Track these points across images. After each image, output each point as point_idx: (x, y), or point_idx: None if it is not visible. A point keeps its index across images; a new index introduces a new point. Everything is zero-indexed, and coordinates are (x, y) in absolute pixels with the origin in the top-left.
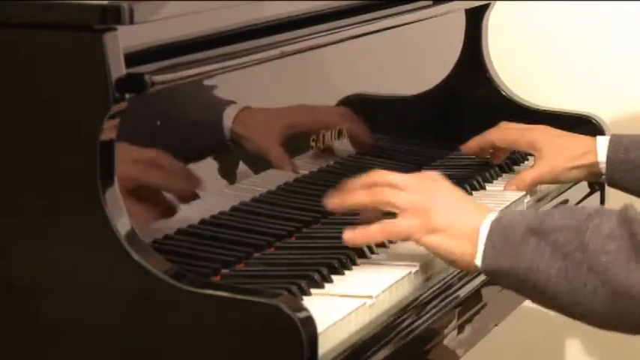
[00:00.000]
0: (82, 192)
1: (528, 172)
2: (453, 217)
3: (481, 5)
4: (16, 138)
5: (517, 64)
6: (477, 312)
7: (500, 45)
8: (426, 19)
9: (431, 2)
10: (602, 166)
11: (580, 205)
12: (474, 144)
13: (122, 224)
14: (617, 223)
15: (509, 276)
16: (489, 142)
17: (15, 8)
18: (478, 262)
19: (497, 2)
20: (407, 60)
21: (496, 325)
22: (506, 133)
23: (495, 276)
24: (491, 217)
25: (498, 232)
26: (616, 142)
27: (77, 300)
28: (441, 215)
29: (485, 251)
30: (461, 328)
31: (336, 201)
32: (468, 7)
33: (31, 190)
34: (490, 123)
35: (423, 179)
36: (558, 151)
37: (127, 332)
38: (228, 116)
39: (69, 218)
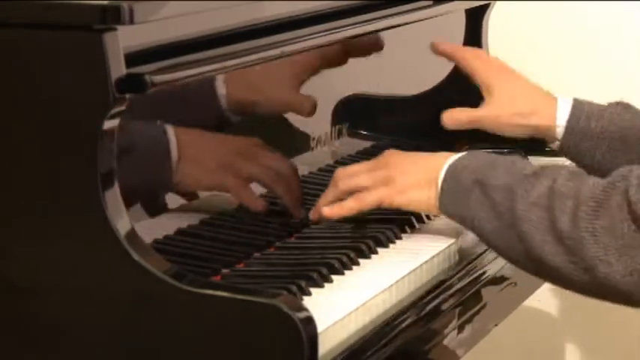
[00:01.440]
0: (82, 192)
1: (468, 111)
2: (414, 172)
3: (481, 5)
4: (16, 138)
5: (517, 64)
6: (477, 312)
7: (500, 45)
8: (426, 19)
9: (431, 2)
10: (559, 130)
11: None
12: (444, 48)
13: (122, 224)
14: (545, 191)
15: (461, 222)
16: (451, 55)
17: (15, 8)
18: (438, 207)
19: (497, 2)
20: (407, 60)
21: (496, 325)
22: (471, 58)
23: (451, 219)
24: (449, 161)
25: (450, 178)
26: (578, 108)
27: (77, 300)
28: (403, 175)
29: (439, 196)
30: (461, 328)
31: (314, 211)
32: (467, 7)
33: (31, 190)
34: None
35: (377, 158)
36: (509, 103)
37: (127, 332)
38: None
39: (69, 218)
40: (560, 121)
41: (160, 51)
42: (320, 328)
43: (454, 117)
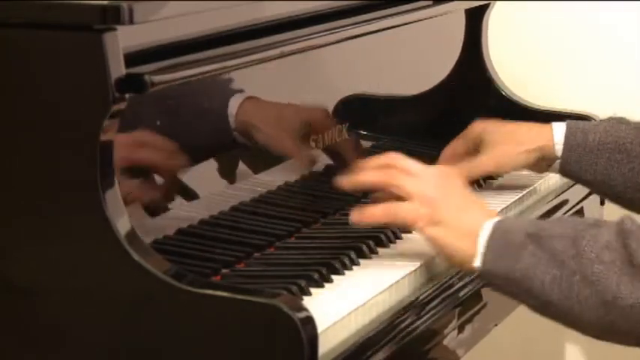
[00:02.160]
0: (82, 192)
1: (467, 163)
2: (460, 214)
3: (481, 5)
4: (16, 138)
5: (517, 64)
6: (477, 312)
7: (500, 45)
8: (426, 19)
9: (431, 2)
10: (558, 148)
11: (579, 216)
12: (445, 157)
13: (122, 224)
14: (614, 234)
15: (504, 279)
16: (452, 150)
17: (15, 8)
18: (477, 263)
19: (497, 2)
20: (407, 60)
21: (496, 325)
22: (458, 137)
23: (491, 279)
24: (495, 219)
25: (499, 235)
26: (572, 126)
27: (77, 300)
28: (448, 210)
29: (484, 253)
30: (461, 328)
31: (348, 179)
32: (467, 7)
33: (31, 190)
34: None
35: (438, 173)
36: (505, 138)
37: (127, 332)
38: (233, 105)
39: (69, 218)
40: (558, 138)
41: (160, 51)
42: (320, 328)
43: None
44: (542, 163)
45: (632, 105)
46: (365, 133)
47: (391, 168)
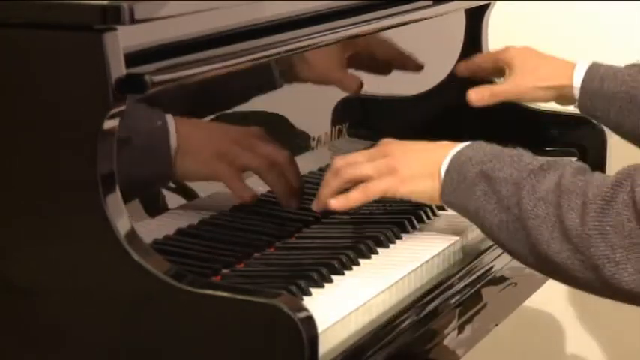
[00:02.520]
0: (82, 192)
1: (490, 86)
2: (417, 162)
3: (481, 5)
4: (16, 138)
5: None
6: (477, 312)
7: (500, 45)
8: (426, 19)
9: (431, 2)
10: (576, 92)
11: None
12: (463, 65)
13: (122, 224)
14: (553, 187)
15: (462, 212)
16: (477, 64)
17: (15, 8)
18: (441, 196)
19: (497, 2)
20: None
21: (496, 325)
22: (487, 54)
23: (453, 210)
24: (452, 152)
25: (454, 169)
26: (593, 70)
27: (77, 300)
28: (407, 165)
29: (442, 187)
30: (461, 328)
31: (317, 203)
32: (467, 7)
33: (31, 190)
34: (490, 123)
35: (377, 147)
36: (530, 70)
37: (127, 332)
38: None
39: (69, 218)
40: (577, 82)
41: (160, 51)
42: (320, 328)
43: (479, 94)
44: (562, 99)
45: None
46: (365, 133)
47: (339, 170)
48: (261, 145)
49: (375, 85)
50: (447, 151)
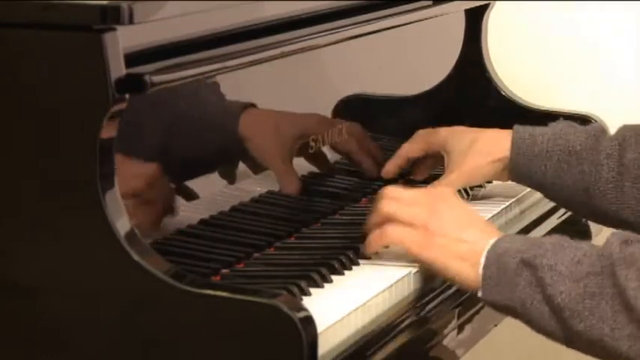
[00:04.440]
0: (82, 192)
1: (438, 183)
2: (456, 235)
3: (481, 5)
4: (16, 138)
5: (517, 64)
6: (477, 312)
7: (500, 45)
8: (426, 19)
9: (431, 2)
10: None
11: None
12: (391, 165)
13: (122, 224)
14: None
15: (506, 310)
16: (404, 157)
17: (15, 8)
18: (479, 293)
19: (497, 2)
20: (407, 60)
21: (496, 325)
22: (416, 140)
23: (494, 308)
24: (490, 242)
25: (492, 261)
26: (521, 130)
27: (77, 300)
28: (443, 232)
29: (483, 282)
30: (461, 328)
31: (369, 247)
32: (467, 7)
33: (31, 191)
34: (490, 123)
35: (432, 196)
36: (467, 150)
37: (126, 332)
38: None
39: (69, 218)
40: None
41: (160, 51)
42: (320, 328)
43: None
44: (505, 171)
45: (632, 105)
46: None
47: (383, 199)
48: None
49: (375, 85)
50: (486, 239)
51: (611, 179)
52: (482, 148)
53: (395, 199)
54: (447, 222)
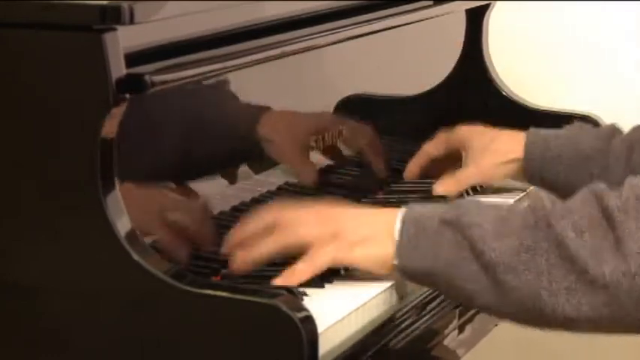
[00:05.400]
0: (83, 192)
1: (454, 174)
2: (365, 226)
3: (481, 5)
4: (16, 138)
5: (517, 64)
6: (477, 312)
7: (500, 45)
8: (426, 19)
9: (431, 2)
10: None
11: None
12: (413, 166)
13: (122, 224)
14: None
15: (426, 276)
16: (426, 156)
17: (15, 8)
18: (396, 260)
19: (497, 2)
20: (407, 60)
21: (496, 325)
22: (437, 138)
23: (408, 277)
24: (402, 211)
25: (410, 224)
26: (533, 134)
27: (77, 300)
28: (352, 230)
29: (399, 248)
30: (461, 328)
31: (242, 260)
32: (468, 7)
33: (31, 191)
34: (490, 123)
35: (318, 210)
36: (485, 148)
37: (126, 332)
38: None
39: (69, 218)
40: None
41: (160, 51)
42: (320, 328)
43: (444, 185)
44: (522, 174)
45: (633, 105)
46: None
47: (274, 227)
48: None
49: (375, 85)
50: (395, 213)
51: (619, 181)
52: (500, 147)
53: (286, 225)
54: (349, 220)
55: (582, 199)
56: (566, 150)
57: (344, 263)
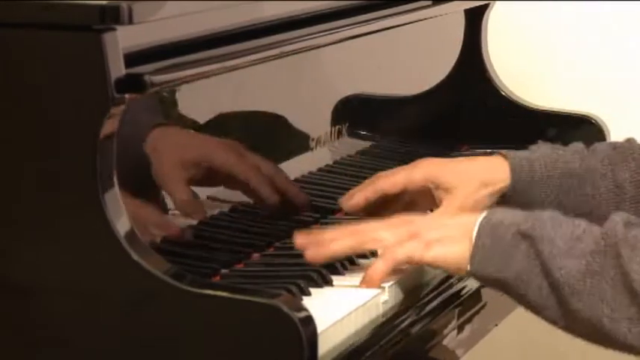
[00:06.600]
0: (82, 192)
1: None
2: (443, 227)
3: (481, 5)
4: (16, 138)
5: (517, 64)
6: (477, 312)
7: (500, 45)
8: (425, 19)
9: (430, 2)
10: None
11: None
12: (358, 198)
13: (122, 224)
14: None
15: (497, 284)
16: (380, 192)
17: (14, 8)
18: (469, 266)
19: (497, 2)
20: (407, 60)
21: (496, 325)
22: (395, 175)
23: (483, 281)
24: (483, 215)
25: (486, 231)
26: (514, 156)
27: (77, 300)
28: (432, 229)
29: (474, 253)
30: (461, 328)
31: (317, 254)
32: (467, 7)
33: (31, 190)
34: (489, 123)
35: (396, 217)
36: (466, 179)
37: (126, 332)
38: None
39: (69, 218)
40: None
41: (160, 51)
42: (320, 328)
43: None
44: (502, 199)
45: (633, 105)
46: (364, 133)
47: (357, 231)
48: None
49: (374, 85)
50: (475, 216)
51: (612, 200)
52: (480, 179)
53: (370, 228)
54: (429, 221)
55: None
56: (556, 170)
57: (420, 261)
